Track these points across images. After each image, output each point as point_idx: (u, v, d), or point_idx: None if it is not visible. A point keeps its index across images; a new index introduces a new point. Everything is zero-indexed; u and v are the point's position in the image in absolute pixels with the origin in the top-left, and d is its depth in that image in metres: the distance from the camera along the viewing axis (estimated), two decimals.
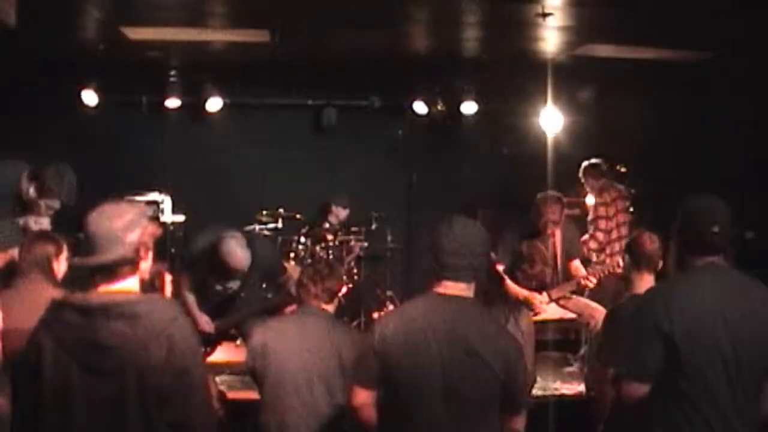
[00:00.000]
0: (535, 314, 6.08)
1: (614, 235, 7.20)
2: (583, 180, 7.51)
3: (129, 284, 2.51)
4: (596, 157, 7.51)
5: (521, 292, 6.04)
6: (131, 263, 2.49)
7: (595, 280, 6.17)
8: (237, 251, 5.11)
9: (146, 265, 2.56)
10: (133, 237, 2.48)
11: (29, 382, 2.47)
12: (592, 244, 7.16)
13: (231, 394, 5.11)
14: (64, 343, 2.42)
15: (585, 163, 7.49)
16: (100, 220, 2.48)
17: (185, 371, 2.44)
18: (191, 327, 2.55)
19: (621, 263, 5.87)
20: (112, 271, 2.47)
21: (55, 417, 2.43)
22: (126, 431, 2.40)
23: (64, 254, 4.02)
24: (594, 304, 6.18)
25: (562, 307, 6.19)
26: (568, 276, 6.28)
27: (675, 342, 2.82)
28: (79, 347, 2.41)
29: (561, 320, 6.35)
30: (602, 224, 7.20)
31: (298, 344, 3.89)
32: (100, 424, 2.42)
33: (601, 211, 7.24)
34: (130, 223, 2.49)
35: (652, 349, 2.86)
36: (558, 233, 6.16)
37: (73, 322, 2.43)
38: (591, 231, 7.23)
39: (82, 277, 2.56)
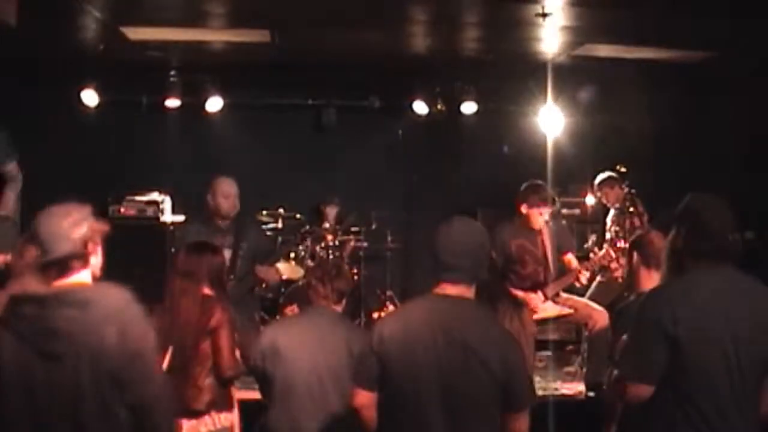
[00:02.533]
0: (532, 313, 6.09)
1: None
2: (599, 194, 7.52)
3: (81, 277, 2.69)
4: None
5: (517, 293, 6.05)
6: (80, 257, 2.67)
7: (588, 274, 6.16)
8: (226, 180, 5.77)
9: (96, 260, 2.74)
10: (80, 233, 2.67)
11: None
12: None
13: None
14: (21, 334, 2.57)
15: (603, 176, 7.48)
16: (48, 221, 2.67)
17: (138, 354, 2.59)
18: (143, 312, 2.69)
19: (613, 255, 5.90)
20: (64, 265, 2.65)
21: (19, 405, 2.56)
22: (83, 414, 2.54)
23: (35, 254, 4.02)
24: (594, 305, 6.18)
25: (561, 303, 6.17)
26: (564, 269, 6.26)
27: (679, 342, 2.81)
28: (35, 336, 2.56)
29: (561, 317, 6.30)
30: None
31: (308, 343, 3.89)
32: (59, 409, 2.55)
33: (637, 221, 7.27)
34: (76, 220, 2.68)
35: (656, 350, 2.85)
36: (545, 230, 6.15)
37: (29, 314, 2.59)
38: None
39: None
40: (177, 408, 3.80)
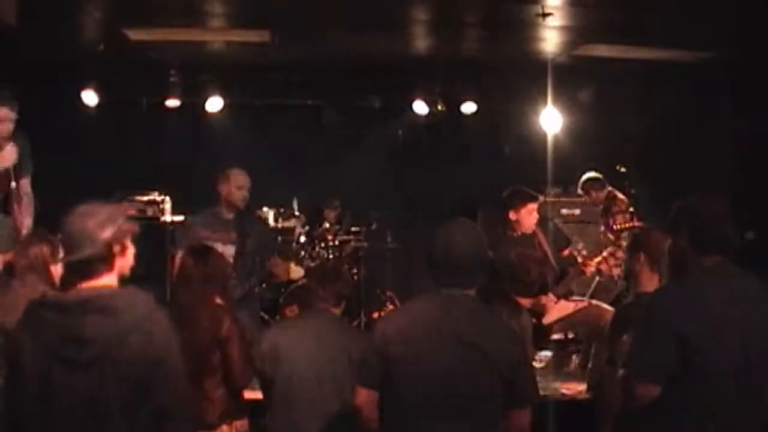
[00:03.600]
0: (541, 315, 6.07)
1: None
2: (583, 194, 7.50)
3: (105, 281, 2.59)
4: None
5: (526, 302, 6.03)
6: (104, 260, 2.57)
7: (593, 266, 6.16)
8: (241, 172, 5.73)
9: (124, 262, 2.63)
10: (106, 235, 2.56)
11: (10, 383, 2.56)
12: (620, 254, 7.14)
13: None
14: (43, 341, 2.50)
15: (585, 178, 7.47)
16: (74, 220, 2.58)
17: (163, 361, 2.52)
18: (168, 318, 2.62)
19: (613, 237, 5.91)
20: (87, 268, 2.56)
21: (39, 414, 2.50)
22: (107, 422, 2.48)
23: (61, 254, 4.01)
24: (604, 305, 6.18)
25: (572, 300, 6.16)
26: (565, 263, 6.25)
27: (687, 342, 2.81)
28: (57, 343, 2.49)
29: (577, 312, 6.24)
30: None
31: (307, 346, 3.89)
32: (81, 416, 2.48)
33: (620, 219, 7.24)
34: (104, 221, 2.57)
35: (664, 349, 2.84)
36: (539, 231, 6.15)
37: (51, 320, 2.51)
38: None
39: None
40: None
